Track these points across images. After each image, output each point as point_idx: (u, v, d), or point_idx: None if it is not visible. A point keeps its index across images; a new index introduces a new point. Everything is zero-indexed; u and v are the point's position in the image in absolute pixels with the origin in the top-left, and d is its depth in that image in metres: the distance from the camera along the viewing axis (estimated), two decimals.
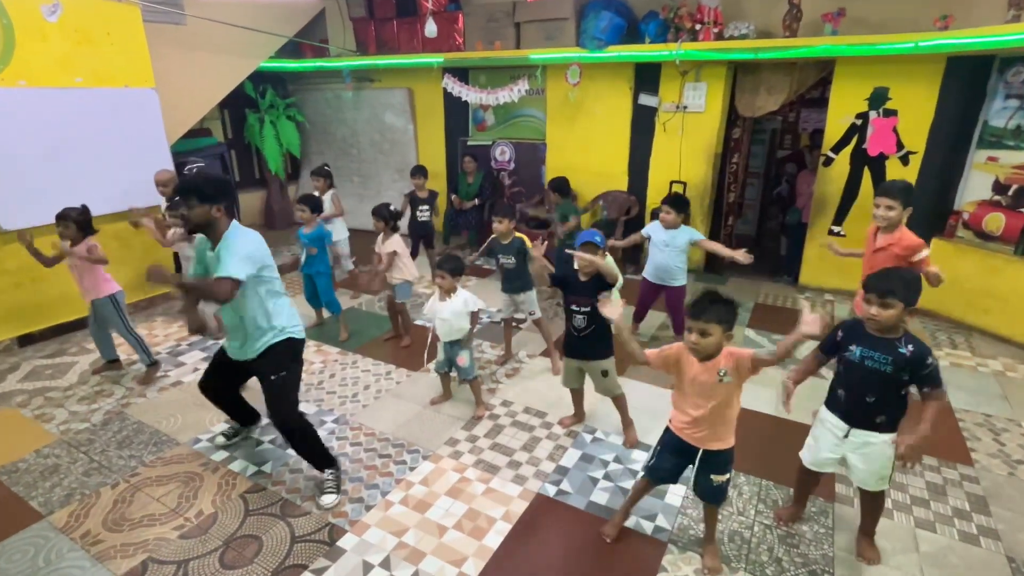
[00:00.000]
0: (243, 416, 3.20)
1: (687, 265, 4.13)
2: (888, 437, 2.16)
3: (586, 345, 2.99)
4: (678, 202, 4.01)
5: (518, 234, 3.86)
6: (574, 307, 2.94)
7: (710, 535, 2.43)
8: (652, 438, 2.78)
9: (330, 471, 2.82)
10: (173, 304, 5.15)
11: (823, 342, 2.32)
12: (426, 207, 5.63)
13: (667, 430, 2.35)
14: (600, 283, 2.83)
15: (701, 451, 2.23)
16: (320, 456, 2.81)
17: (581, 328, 2.94)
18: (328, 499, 2.74)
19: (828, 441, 2.30)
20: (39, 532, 2.58)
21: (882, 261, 2.97)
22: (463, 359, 3.37)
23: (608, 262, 2.98)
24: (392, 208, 4.22)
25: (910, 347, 2.04)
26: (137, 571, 2.37)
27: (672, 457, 2.32)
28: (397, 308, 4.37)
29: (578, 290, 2.90)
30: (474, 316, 3.37)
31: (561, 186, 5.20)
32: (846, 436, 2.22)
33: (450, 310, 3.27)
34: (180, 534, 2.57)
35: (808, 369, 2.41)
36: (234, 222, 2.55)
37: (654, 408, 3.41)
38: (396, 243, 4.13)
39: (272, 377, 2.66)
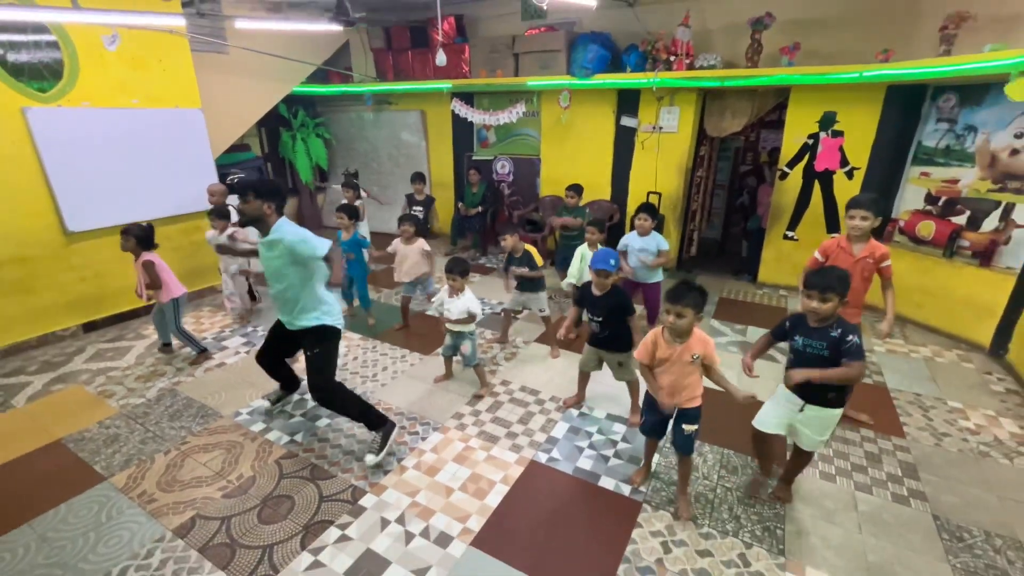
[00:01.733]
0: (287, 381, 3.29)
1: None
2: (837, 412, 2.22)
3: (603, 343, 2.99)
4: (652, 210, 3.96)
5: (527, 247, 3.90)
6: (589, 316, 2.95)
7: (683, 487, 2.46)
8: None
9: (377, 433, 2.79)
10: (217, 296, 5.14)
11: (773, 328, 2.40)
12: (419, 207, 5.79)
13: (647, 394, 2.44)
14: (612, 298, 2.84)
15: (676, 409, 2.34)
16: (366, 418, 2.80)
17: (597, 332, 2.96)
18: (369, 458, 2.73)
19: (782, 411, 2.33)
20: (102, 492, 2.59)
21: (861, 270, 2.79)
22: (466, 348, 3.38)
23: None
24: (419, 217, 4.23)
25: (839, 330, 2.11)
26: (187, 526, 2.38)
27: (653, 415, 2.42)
28: (406, 302, 4.40)
29: (593, 303, 2.91)
30: (472, 318, 3.37)
31: (579, 191, 5.10)
32: (801, 410, 2.25)
33: (456, 307, 3.29)
34: (223, 494, 2.58)
35: (761, 349, 2.48)
36: (283, 218, 2.63)
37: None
38: (423, 243, 4.13)
39: (308, 353, 2.76)
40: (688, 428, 2.34)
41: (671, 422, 2.42)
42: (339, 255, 2.67)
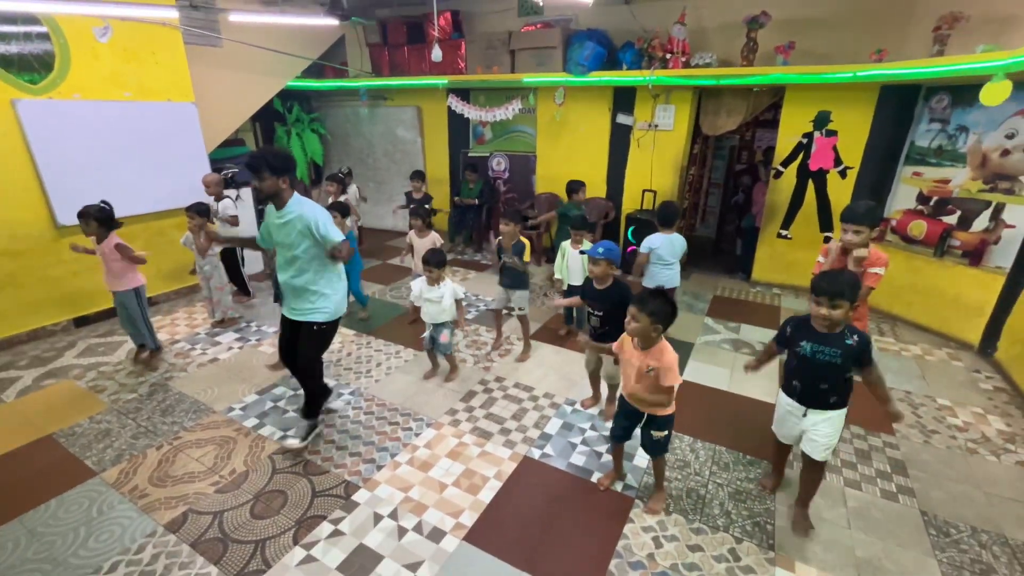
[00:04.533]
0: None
1: (676, 271, 3.89)
2: (842, 412, 2.15)
3: (603, 339, 2.89)
4: (671, 214, 3.73)
5: (522, 238, 3.82)
6: (590, 310, 2.94)
7: (658, 483, 2.49)
8: None
9: (310, 421, 2.93)
10: (195, 296, 5.07)
11: (776, 336, 2.30)
12: (426, 206, 5.67)
13: (620, 396, 2.42)
14: (613, 292, 2.83)
15: (645, 414, 2.32)
16: (315, 403, 2.94)
17: (597, 327, 2.92)
18: (293, 442, 2.85)
19: (790, 419, 2.27)
20: (93, 487, 2.58)
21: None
22: (445, 336, 3.40)
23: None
24: (427, 206, 4.21)
25: (855, 337, 2.03)
26: (179, 521, 2.37)
27: (623, 419, 2.41)
28: None
29: (594, 298, 2.90)
30: (459, 304, 3.37)
31: (575, 188, 5.07)
32: (804, 415, 2.20)
33: (437, 295, 3.30)
34: (216, 489, 2.57)
35: (769, 354, 2.43)
36: (296, 193, 2.60)
37: None
38: (436, 238, 4.11)
39: (306, 340, 2.78)
40: (656, 434, 2.31)
41: (641, 427, 2.37)
42: (347, 253, 2.63)
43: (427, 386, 3.53)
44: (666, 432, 2.31)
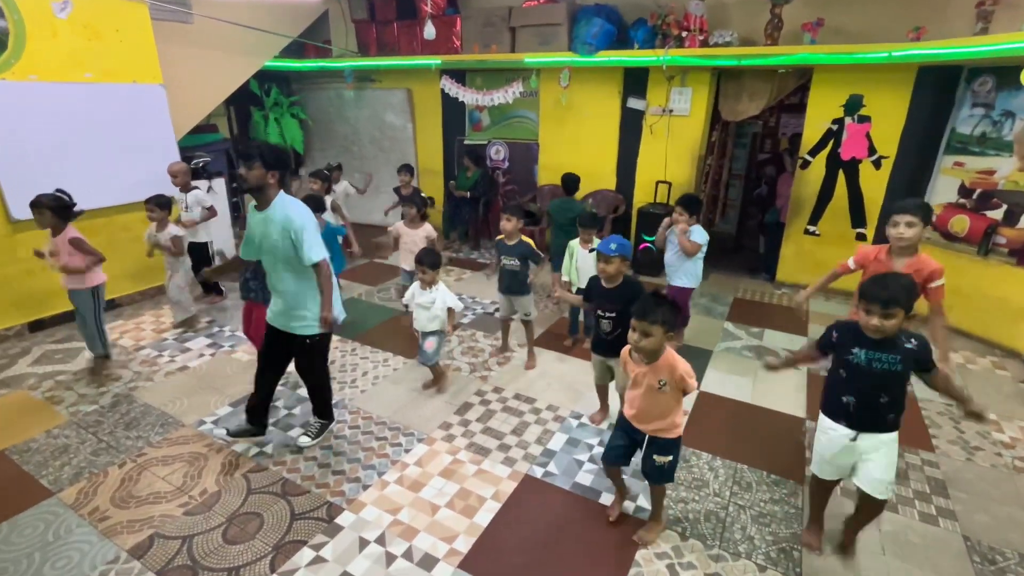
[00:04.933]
0: (260, 416, 3.05)
1: (699, 268, 3.85)
2: (894, 436, 2.06)
3: (613, 346, 2.89)
4: (690, 203, 3.72)
5: (525, 238, 3.77)
6: (600, 312, 2.92)
7: (655, 513, 2.45)
8: None
9: (321, 421, 3.09)
10: (161, 299, 5.05)
11: (819, 340, 2.22)
12: (421, 194, 5.71)
13: (620, 414, 2.39)
14: (625, 291, 2.82)
15: (647, 435, 2.29)
16: (324, 406, 3.08)
17: (608, 331, 2.90)
18: (304, 439, 3.01)
19: (836, 448, 2.13)
20: (49, 508, 2.57)
21: None
22: (431, 344, 3.39)
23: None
24: (423, 195, 4.23)
25: (913, 340, 1.96)
26: (144, 546, 2.36)
27: (620, 438, 2.37)
28: None
29: (604, 298, 2.89)
30: (450, 312, 3.37)
31: (569, 183, 5.07)
32: (854, 440, 2.07)
33: (428, 300, 3.31)
34: (185, 511, 2.56)
35: (805, 358, 2.41)
36: (282, 191, 2.63)
37: None
38: (430, 230, 4.10)
39: (304, 363, 2.96)
40: (660, 460, 2.24)
41: (642, 449, 2.33)
42: (330, 285, 2.70)
43: (418, 398, 3.53)
44: (671, 458, 2.25)
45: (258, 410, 3.02)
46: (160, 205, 4.09)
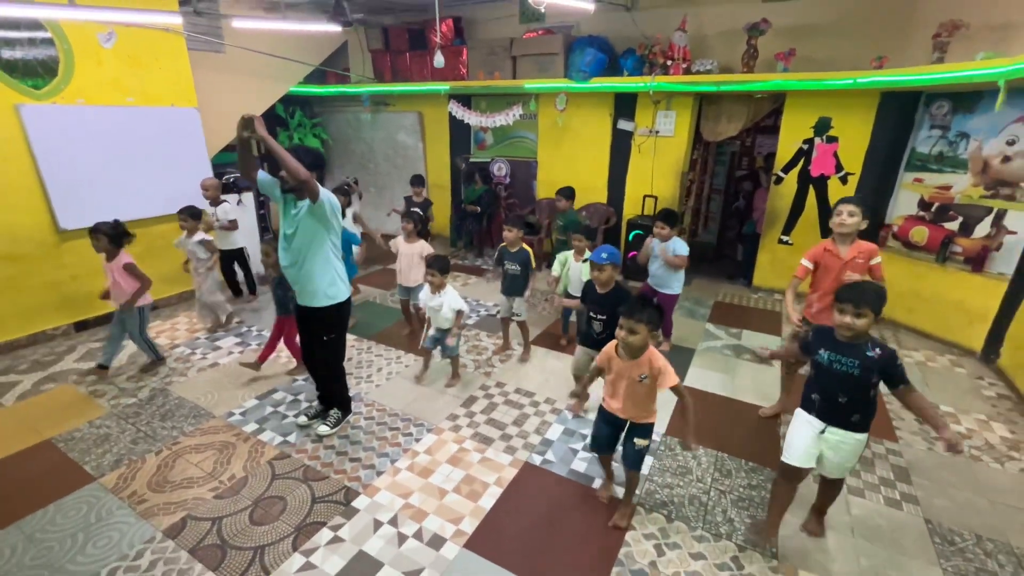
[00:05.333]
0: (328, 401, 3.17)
1: (681, 276, 3.89)
2: (862, 437, 2.05)
3: (600, 344, 2.85)
4: (669, 217, 3.76)
5: (525, 246, 3.82)
6: (592, 314, 2.93)
7: (626, 498, 2.43)
8: None
9: (339, 411, 3.10)
10: (194, 301, 5.04)
11: (801, 340, 2.22)
12: (417, 210, 5.67)
13: (600, 407, 2.39)
14: (616, 296, 2.83)
15: (628, 422, 2.30)
16: (341, 397, 3.11)
17: (599, 332, 2.92)
18: (323, 428, 3.01)
19: (806, 436, 2.12)
20: (91, 492, 2.57)
21: (852, 272, 2.76)
22: (452, 340, 3.42)
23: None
24: (421, 214, 4.21)
25: (877, 350, 1.95)
26: (177, 527, 2.36)
27: (605, 427, 2.38)
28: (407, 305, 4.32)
29: (596, 302, 2.89)
30: (458, 314, 3.37)
31: (569, 194, 5.06)
32: (822, 432, 2.08)
33: (438, 303, 3.31)
34: (215, 495, 2.56)
35: (788, 352, 2.42)
36: (321, 188, 2.60)
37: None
38: (425, 247, 4.00)
39: (324, 338, 2.86)
40: (640, 443, 2.27)
41: (623, 435, 2.34)
42: (290, 160, 2.41)
43: (428, 391, 3.52)
44: (648, 441, 2.28)
45: (324, 395, 3.17)
46: (191, 215, 4.12)
